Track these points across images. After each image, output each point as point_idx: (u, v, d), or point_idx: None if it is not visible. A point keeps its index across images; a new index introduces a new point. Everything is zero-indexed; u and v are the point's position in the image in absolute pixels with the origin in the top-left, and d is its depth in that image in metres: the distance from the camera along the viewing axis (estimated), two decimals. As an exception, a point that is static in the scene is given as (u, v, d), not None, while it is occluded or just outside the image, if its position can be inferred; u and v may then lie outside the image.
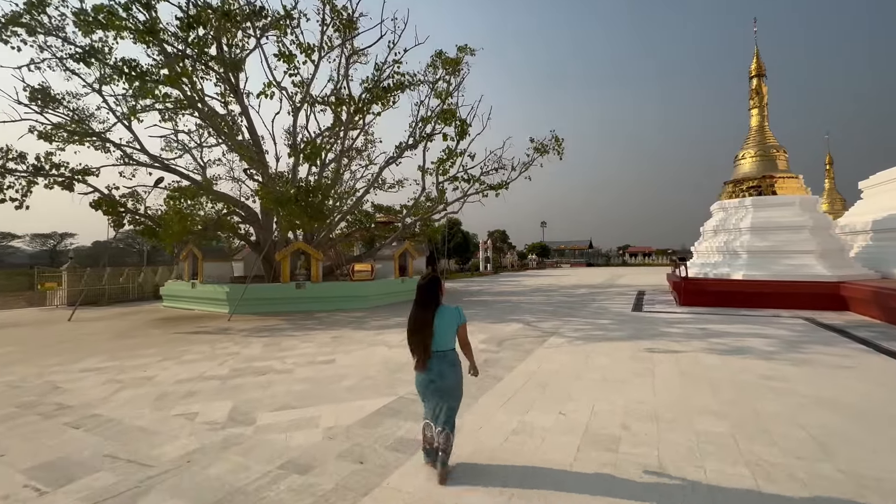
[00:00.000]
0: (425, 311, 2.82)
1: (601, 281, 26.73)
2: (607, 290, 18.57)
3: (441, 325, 2.82)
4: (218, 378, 6.32)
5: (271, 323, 11.16)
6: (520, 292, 19.40)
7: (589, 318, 10.81)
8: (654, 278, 29.88)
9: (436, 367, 2.82)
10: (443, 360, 2.84)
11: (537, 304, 13.98)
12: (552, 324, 10.10)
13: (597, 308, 12.69)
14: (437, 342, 2.82)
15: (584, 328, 9.52)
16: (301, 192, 13.30)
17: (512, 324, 10.09)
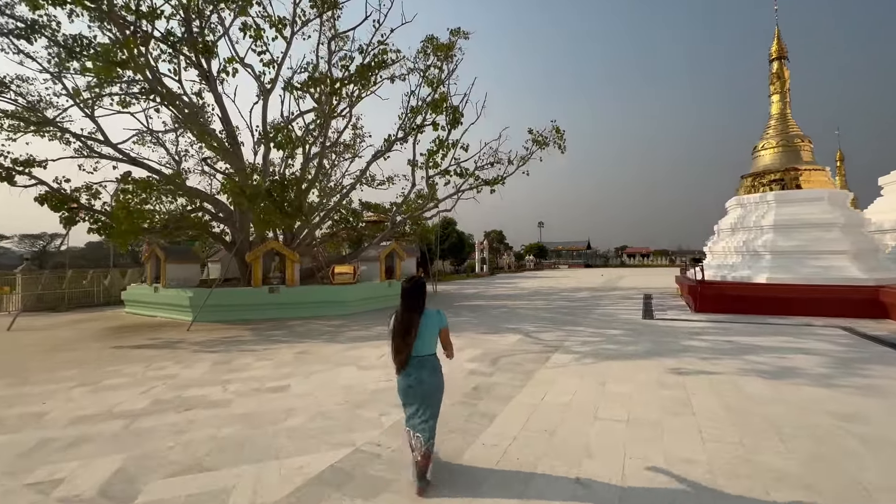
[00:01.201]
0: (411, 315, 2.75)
1: (602, 283, 26.11)
2: (610, 294, 18.01)
3: (424, 330, 2.75)
4: (128, 416, 4.86)
5: (233, 333, 9.80)
6: (517, 296, 18.47)
7: (596, 328, 9.69)
8: (657, 280, 28.99)
9: (415, 372, 2.76)
10: (422, 365, 2.76)
11: (537, 309, 13.17)
12: (555, 335, 8.93)
13: (603, 315, 11.78)
14: (418, 347, 2.75)
15: (593, 340, 8.33)
16: (275, 186, 11.89)
17: (509, 335, 8.99)
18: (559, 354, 7.24)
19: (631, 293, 18.01)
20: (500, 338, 8.71)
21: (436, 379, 2.78)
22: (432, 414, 2.80)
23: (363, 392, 5.48)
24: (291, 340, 8.85)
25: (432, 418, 2.81)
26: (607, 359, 6.88)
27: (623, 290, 19.67)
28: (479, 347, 7.82)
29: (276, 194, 11.79)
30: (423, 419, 2.80)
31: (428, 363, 2.78)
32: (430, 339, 2.76)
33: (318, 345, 8.36)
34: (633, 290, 20.06)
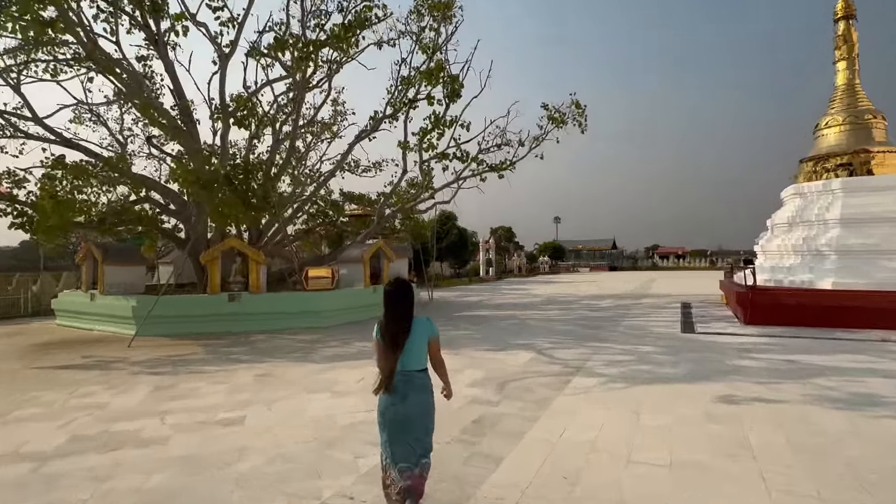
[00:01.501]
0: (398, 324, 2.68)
1: (631, 289, 26.43)
2: (641, 302, 18.17)
3: (412, 340, 2.69)
4: (37, 457, 4.54)
5: (184, 351, 9.58)
6: (529, 304, 18.44)
7: (626, 344, 9.56)
8: (696, 285, 29.02)
9: (401, 389, 2.69)
10: (409, 382, 2.69)
11: (553, 321, 13.28)
12: (576, 353, 8.78)
13: (633, 327, 11.75)
14: (405, 361, 2.69)
15: (623, 360, 8.14)
16: (237, 172, 11.63)
17: (519, 352, 8.86)
18: (581, 377, 7.00)
19: (665, 301, 18.30)
20: (507, 356, 8.57)
21: (425, 398, 2.73)
22: (420, 444, 2.74)
23: (336, 426, 5.17)
24: (253, 359, 8.68)
25: (420, 448, 2.74)
26: (640, 383, 6.64)
27: (656, 298, 19.85)
28: (481, 368, 7.59)
29: (237, 182, 11.60)
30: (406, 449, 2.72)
31: (416, 380, 2.74)
32: (419, 351, 2.73)
33: (284, 365, 8.16)
34: (668, 297, 20.25)
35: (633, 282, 34.91)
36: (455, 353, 8.77)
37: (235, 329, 11.64)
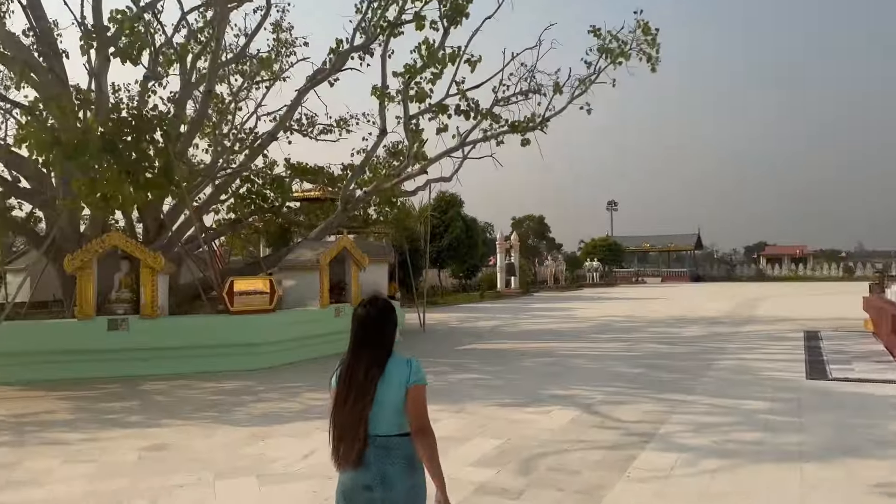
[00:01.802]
0: (368, 361, 2.75)
1: (726, 310, 26.57)
2: (742, 331, 18.18)
3: (385, 389, 2.72)
4: None
5: (37, 408, 9.52)
6: (571, 333, 18.35)
7: (722, 396, 9.36)
8: (824, 303, 29.19)
9: (375, 464, 2.69)
10: (386, 453, 2.72)
11: (608, 359, 13.24)
12: (644, 411, 8.56)
13: (732, 370, 11.61)
14: (378, 420, 2.72)
15: (718, 423, 7.89)
16: (120, 129, 11.33)
17: (556, 409, 8.69)
18: (653, 452, 6.74)
19: (779, 329, 18.24)
20: (538, 415, 8.41)
21: (410, 480, 2.76)
22: None
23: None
24: (142, 422, 8.43)
25: None
26: (748, 462, 6.38)
27: (765, 324, 19.81)
28: (496, 435, 7.41)
29: (123, 145, 11.33)
30: None
31: (396, 450, 2.77)
32: (394, 406, 2.77)
33: (189, 431, 7.92)
34: (784, 322, 20.24)
35: (729, 298, 35.08)
36: (456, 411, 8.54)
37: (120, 372, 11.45)
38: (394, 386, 2.75)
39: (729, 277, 68.35)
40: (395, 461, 2.72)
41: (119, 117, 12.07)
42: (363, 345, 2.80)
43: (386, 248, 18.04)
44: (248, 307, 12.53)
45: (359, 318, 2.85)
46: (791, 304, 29.39)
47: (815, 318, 21.51)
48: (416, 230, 32.49)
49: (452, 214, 36.96)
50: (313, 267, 13.81)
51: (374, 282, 17.14)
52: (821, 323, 19.76)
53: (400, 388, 2.75)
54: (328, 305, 13.95)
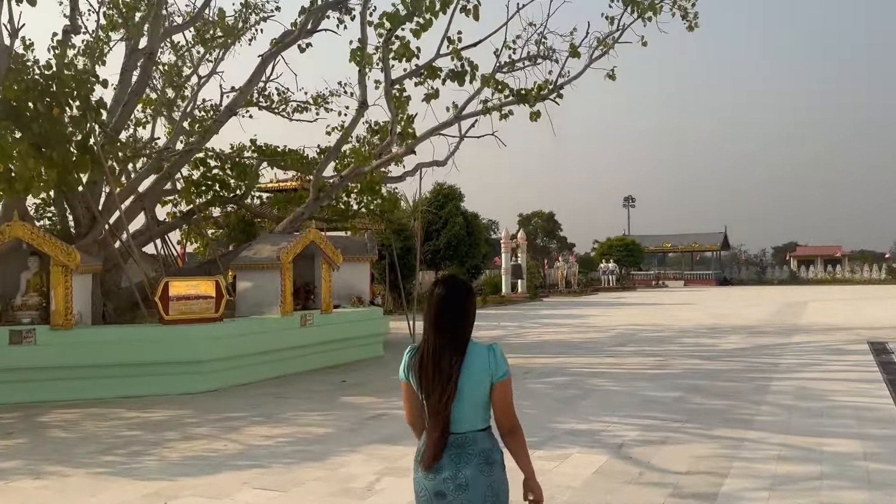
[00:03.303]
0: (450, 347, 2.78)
1: (765, 317, 26.21)
2: (792, 342, 17.22)
3: (465, 380, 2.75)
4: None
5: None
6: (589, 345, 17.36)
7: (793, 434, 7.84)
8: (875, 310, 28.64)
9: (449, 465, 2.73)
10: (462, 452, 2.75)
11: (637, 378, 11.95)
12: (693, 454, 7.01)
13: (794, 395, 10.21)
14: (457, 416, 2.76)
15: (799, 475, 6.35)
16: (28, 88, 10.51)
17: (572, 451, 7.24)
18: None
19: (836, 339, 17.50)
20: (551, 461, 7.01)
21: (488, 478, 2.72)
22: None
23: None
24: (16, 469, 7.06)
25: None
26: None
27: (815, 334, 19.18)
28: None
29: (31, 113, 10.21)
30: None
31: (471, 446, 2.75)
32: (476, 398, 2.77)
33: (70, 485, 6.46)
34: (837, 331, 19.66)
35: (765, 304, 34.22)
36: None
37: (22, 397, 10.20)
38: (474, 377, 2.74)
39: (759, 281, 67.14)
40: (469, 459, 2.71)
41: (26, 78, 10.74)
42: (443, 329, 2.79)
43: (368, 244, 16.48)
44: (187, 315, 11.07)
45: (437, 299, 2.84)
46: (838, 311, 28.48)
47: (871, 327, 20.43)
48: (409, 226, 31.18)
49: (451, 209, 35.49)
50: (273, 265, 12.21)
51: (351, 283, 15.60)
52: (881, 332, 18.62)
53: (482, 381, 2.75)
54: (291, 313, 12.38)
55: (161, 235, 17.18)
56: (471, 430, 2.75)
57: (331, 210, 17.73)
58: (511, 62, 14.65)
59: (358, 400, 9.91)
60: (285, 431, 8.06)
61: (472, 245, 36.28)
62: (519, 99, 13.92)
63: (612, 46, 13.93)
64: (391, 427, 8.10)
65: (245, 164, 16.79)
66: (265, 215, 17.89)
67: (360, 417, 8.65)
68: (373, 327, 14.34)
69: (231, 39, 18.71)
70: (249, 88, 15.93)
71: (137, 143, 17.34)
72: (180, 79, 19.34)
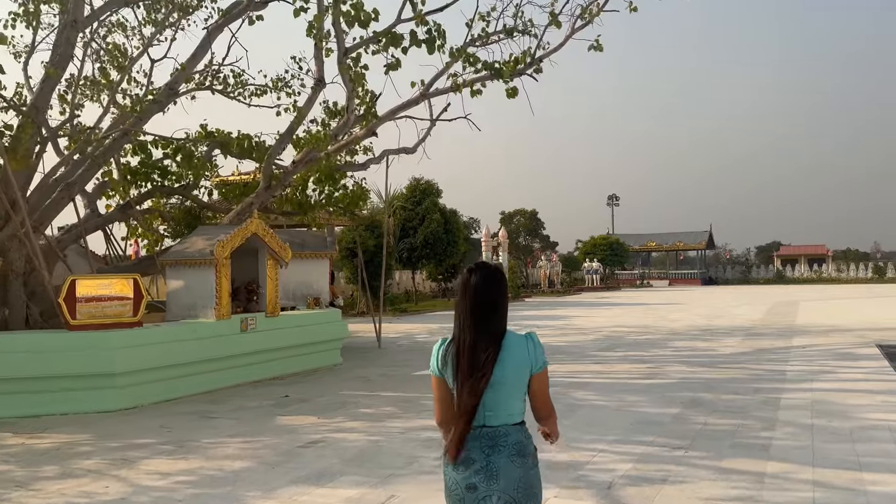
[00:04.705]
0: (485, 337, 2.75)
1: (758, 317, 25.32)
2: (793, 346, 15.97)
3: (502, 371, 2.70)
4: None
5: None
6: (570, 350, 16.22)
7: (825, 466, 6.41)
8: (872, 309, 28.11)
9: (480, 457, 2.70)
10: (496, 444, 2.73)
11: (628, 390, 10.59)
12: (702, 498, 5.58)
13: (812, 410, 8.87)
14: (490, 408, 2.72)
15: None
16: None
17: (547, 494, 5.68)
18: None
19: (840, 342, 16.49)
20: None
21: (521, 469, 2.68)
22: None
23: None
24: None
25: None
26: None
27: (816, 335, 18.18)
28: None
29: None
30: None
31: (509, 440, 2.71)
32: (512, 392, 2.73)
33: None
34: (838, 333, 18.71)
35: (755, 304, 33.21)
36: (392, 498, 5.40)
37: None
38: (514, 367, 2.71)
39: (745, 280, 66.25)
40: (502, 451, 2.67)
41: None
42: (480, 319, 2.74)
43: (328, 239, 14.86)
44: (99, 320, 9.39)
45: (472, 288, 2.79)
46: (832, 310, 27.41)
47: (873, 328, 19.23)
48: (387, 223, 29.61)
49: (428, 205, 33.85)
50: (206, 261, 10.55)
51: (308, 283, 13.99)
52: (886, 334, 17.41)
53: (520, 372, 2.73)
54: (229, 316, 10.72)
55: (97, 229, 15.54)
56: (504, 425, 2.70)
57: (290, 203, 16.14)
58: (485, 35, 13.16)
59: (296, 421, 8.29)
60: (191, 466, 6.44)
61: (450, 243, 34.65)
62: (493, 73, 12.38)
63: (598, 14, 12.44)
64: (328, 458, 6.53)
65: (192, 150, 15.13)
66: (216, 208, 16.24)
67: (291, 445, 7.04)
68: (329, 332, 12.67)
69: (183, 16, 17.12)
70: (193, 65, 14.29)
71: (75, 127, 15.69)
72: (125, 59, 17.71)
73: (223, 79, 18.02)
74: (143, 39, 18.04)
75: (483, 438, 2.66)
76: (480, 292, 2.74)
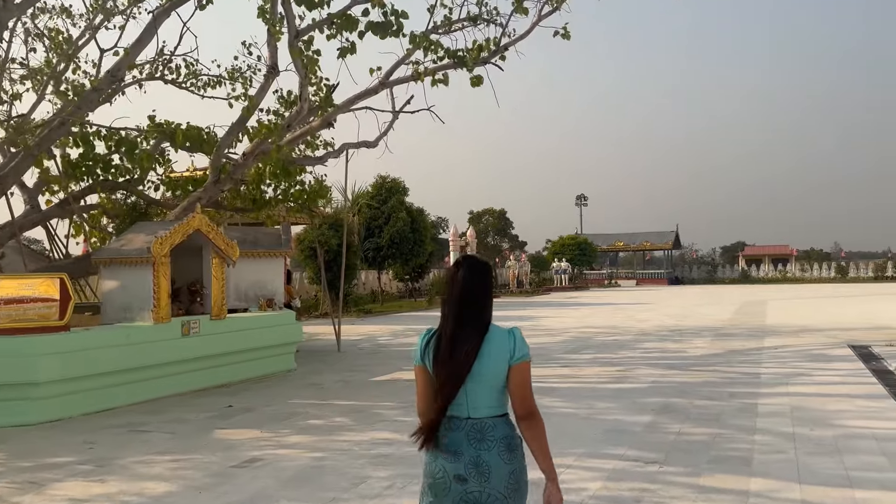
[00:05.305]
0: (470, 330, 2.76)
1: (727, 317, 25.13)
2: (765, 346, 15.64)
3: (483, 363, 2.72)
4: None
5: None
6: (537, 353, 15.54)
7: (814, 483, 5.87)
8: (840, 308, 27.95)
9: (469, 449, 2.68)
10: (483, 437, 2.71)
11: (594, 397, 9.96)
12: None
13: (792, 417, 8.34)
14: (472, 399, 2.73)
15: None
16: None
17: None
18: None
19: (812, 343, 16.16)
20: None
21: (510, 465, 2.68)
22: None
23: None
24: None
25: None
26: None
27: (787, 336, 17.85)
28: None
29: None
30: None
31: (491, 432, 2.70)
32: (493, 383, 2.74)
33: None
34: (809, 333, 18.39)
35: (723, 304, 33.16)
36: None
37: None
38: (493, 360, 2.70)
39: (711, 280, 66.63)
40: (490, 445, 2.67)
41: None
42: (466, 311, 2.75)
43: (283, 236, 14.04)
44: (20, 324, 8.53)
45: (458, 281, 2.81)
46: (801, 310, 27.27)
47: (842, 328, 19.02)
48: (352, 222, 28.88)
49: (394, 203, 32.98)
50: (144, 260, 9.70)
51: (262, 283, 13.20)
52: (857, 334, 17.12)
53: (500, 364, 2.71)
54: (168, 319, 9.87)
55: (34, 226, 14.62)
56: (490, 416, 2.70)
57: (244, 199, 15.33)
58: (448, 22, 12.53)
59: (235, 435, 7.53)
60: (108, 490, 5.66)
61: (417, 242, 33.83)
62: (456, 62, 11.75)
63: (564, 0, 11.87)
64: (263, 480, 5.81)
65: (135, 142, 14.23)
66: (165, 205, 15.35)
67: (225, 464, 6.30)
68: (282, 335, 11.88)
69: (133, 2, 16.21)
70: (138, 50, 13.42)
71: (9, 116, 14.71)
72: (70, 47, 16.74)
73: (175, 68, 17.20)
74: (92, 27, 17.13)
75: (470, 431, 2.64)
76: (470, 286, 2.76)
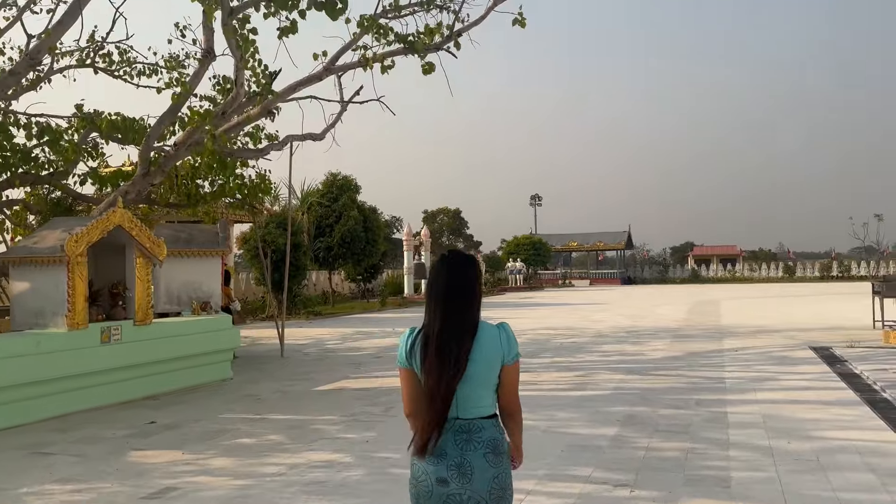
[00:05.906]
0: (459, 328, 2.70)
1: (682, 317, 25.00)
2: (725, 348, 15.31)
3: (474, 362, 2.69)
4: None
5: None
6: None
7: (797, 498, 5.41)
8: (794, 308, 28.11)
9: (454, 451, 2.67)
10: (470, 439, 2.69)
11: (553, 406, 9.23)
12: None
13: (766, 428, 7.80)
14: (460, 399, 2.69)
15: None
16: None
17: None
18: None
19: (772, 344, 15.82)
20: None
21: (495, 469, 2.65)
22: None
23: None
24: None
25: None
26: None
27: (746, 337, 17.56)
28: None
29: None
30: None
31: (483, 436, 2.67)
32: (484, 383, 2.71)
33: None
34: (767, 334, 18.09)
35: (675, 303, 33.20)
36: None
37: None
38: (486, 361, 2.68)
39: (662, 280, 67.20)
40: (476, 447, 2.64)
41: None
42: (451, 308, 2.70)
43: (220, 234, 13.04)
44: None
45: (445, 275, 2.77)
46: (754, 310, 27.17)
47: (799, 328, 18.76)
48: (301, 219, 27.87)
49: (346, 201, 31.91)
50: (57, 259, 8.68)
51: (197, 284, 12.21)
52: (815, 335, 16.85)
53: (492, 363, 2.69)
54: (86, 325, 8.85)
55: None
56: (478, 417, 2.67)
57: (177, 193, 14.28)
58: (397, 6, 11.75)
59: (153, 457, 6.61)
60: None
61: (369, 242, 32.81)
62: (407, 47, 10.98)
63: (523, -17, 11.20)
64: (177, 515, 4.98)
65: (59, 132, 13.10)
66: (94, 200, 14.21)
67: (133, 496, 5.41)
68: (216, 341, 10.92)
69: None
70: (60, 32, 12.20)
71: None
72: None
73: (107, 56, 16.05)
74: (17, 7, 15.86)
75: (457, 431, 2.61)
76: (453, 282, 2.72)
